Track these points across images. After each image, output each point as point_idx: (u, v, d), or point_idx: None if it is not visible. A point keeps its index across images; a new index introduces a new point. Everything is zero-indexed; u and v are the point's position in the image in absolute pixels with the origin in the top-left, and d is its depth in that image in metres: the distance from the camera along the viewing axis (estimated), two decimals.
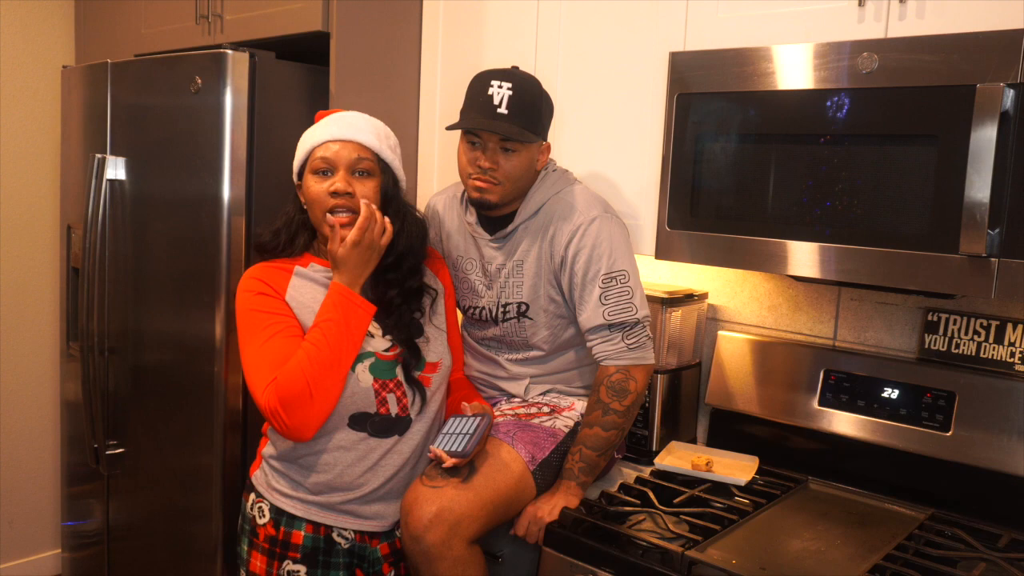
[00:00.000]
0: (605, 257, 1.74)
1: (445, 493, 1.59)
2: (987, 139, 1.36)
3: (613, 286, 1.73)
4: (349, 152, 1.67)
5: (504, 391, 1.91)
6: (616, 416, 1.73)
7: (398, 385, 1.68)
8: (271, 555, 1.68)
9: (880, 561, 1.49)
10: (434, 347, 1.75)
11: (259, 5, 2.37)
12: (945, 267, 1.43)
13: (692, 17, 1.81)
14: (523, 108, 1.73)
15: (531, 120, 1.75)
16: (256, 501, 1.72)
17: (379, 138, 1.71)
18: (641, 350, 1.75)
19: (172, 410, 2.37)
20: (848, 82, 1.52)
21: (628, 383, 1.73)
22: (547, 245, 1.79)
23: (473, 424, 1.66)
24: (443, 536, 1.56)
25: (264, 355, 1.61)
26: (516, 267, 1.83)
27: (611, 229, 1.76)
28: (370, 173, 1.68)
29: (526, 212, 1.81)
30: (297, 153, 1.74)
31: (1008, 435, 1.67)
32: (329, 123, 1.70)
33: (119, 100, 2.50)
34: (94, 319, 2.54)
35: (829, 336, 2.00)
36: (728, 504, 1.72)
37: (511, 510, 1.70)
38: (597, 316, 1.74)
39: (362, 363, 1.65)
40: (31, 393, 3.24)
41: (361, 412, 1.65)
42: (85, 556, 2.84)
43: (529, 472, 1.70)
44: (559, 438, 1.78)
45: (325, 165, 1.67)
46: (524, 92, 1.74)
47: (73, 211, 2.77)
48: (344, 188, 1.64)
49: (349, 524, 1.68)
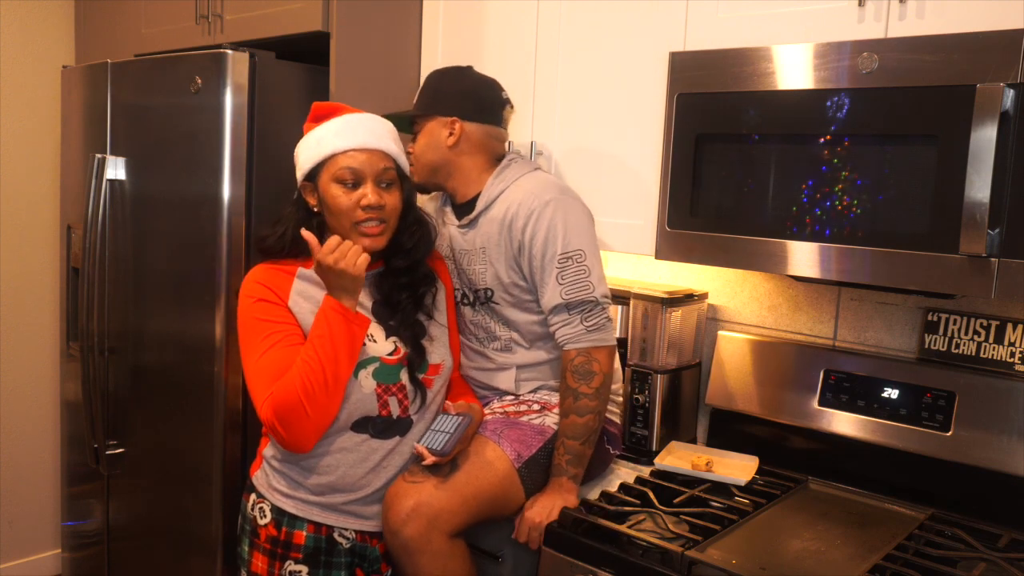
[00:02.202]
0: (560, 238, 1.75)
1: (423, 488, 1.61)
2: (987, 139, 1.36)
3: (569, 266, 1.75)
4: (376, 163, 1.67)
5: (496, 388, 1.91)
6: (587, 400, 1.73)
7: (400, 388, 1.68)
8: (272, 555, 1.67)
9: (880, 561, 1.49)
10: (437, 348, 1.76)
11: (259, 5, 2.37)
12: (945, 267, 1.43)
13: (692, 17, 1.81)
14: (422, 92, 1.92)
15: (421, 102, 1.90)
16: (257, 501, 1.72)
17: (396, 143, 1.73)
18: (600, 332, 1.75)
19: (172, 410, 2.37)
20: (848, 82, 1.52)
21: (591, 364, 1.74)
22: (506, 232, 1.81)
23: (455, 423, 1.66)
24: (421, 530, 1.58)
25: (263, 368, 1.61)
26: (481, 253, 1.85)
27: (566, 210, 1.77)
28: (394, 183, 1.70)
29: (487, 198, 1.84)
30: (307, 153, 1.70)
31: (1008, 435, 1.67)
32: (350, 129, 1.69)
33: (119, 100, 2.50)
34: (94, 319, 2.53)
35: (829, 336, 2.00)
36: (728, 504, 1.72)
37: (497, 507, 1.70)
38: (555, 296, 1.75)
39: (365, 369, 1.65)
40: (31, 393, 3.24)
41: (364, 416, 1.66)
42: (85, 556, 2.84)
43: (515, 470, 1.70)
44: (547, 436, 1.78)
45: (353, 177, 1.65)
46: (427, 81, 1.93)
47: (73, 211, 2.77)
48: (377, 201, 1.64)
49: (350, 524, 1.68)
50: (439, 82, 1.91)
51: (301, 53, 2.32)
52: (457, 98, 1.87)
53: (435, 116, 1.87)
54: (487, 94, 1.91)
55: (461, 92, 1.88)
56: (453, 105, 1.87)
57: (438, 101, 1.88)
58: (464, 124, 1.86)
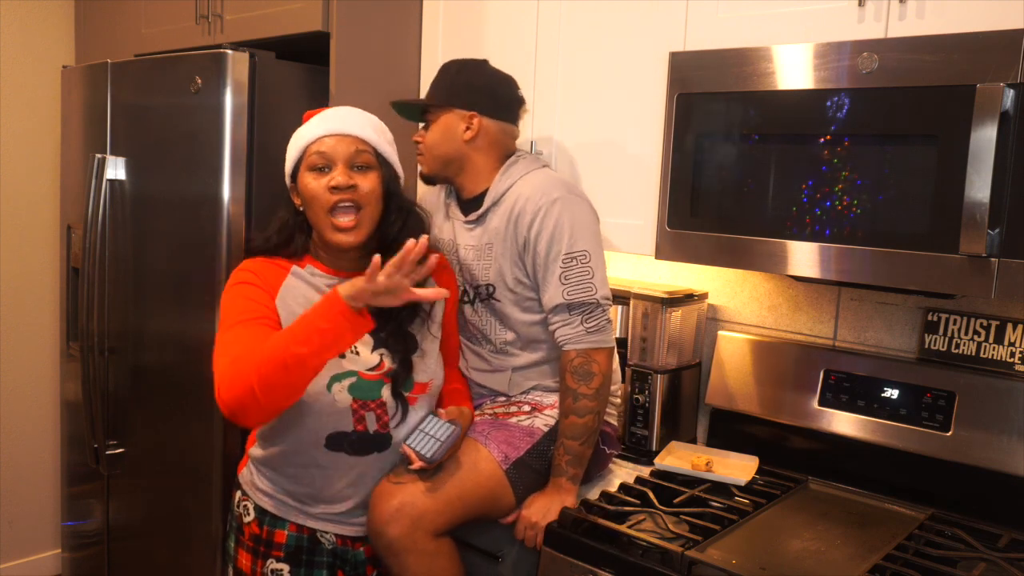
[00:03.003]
0: (566, 237, 1.74)
1: (407, 488, 1.61)
2: (987, 139, 1.36)
3: (574, 266, 1.74)
4: (347, 146, 1.62)
5: (490, 388, 1.90)
6: (587, 400, 1.73)
7: (380, 404, 1.63)
8: (255, 553, 1.67)
9: (880, 561, 1.49)
10: (427, 364, 1.70)
11: (259, 5, 2.37)
12: (945, 267, 1.43)
13: (692, 17, 1.81)
14: (436, 84, 1.89)
15: (439, 93, 1.86)
16: (242, 499, 1.72)
17: (376, 131, 1.68)
18: (600, 333, 1.75)
19: (172, 410, 2.37)
20: (848, 82, 1.52)
21: (591, 365, 1.73)
22: (512, 227, 1.80)
23: (446, 431, 1.64)
24: (405, 530, 1.58)
25: (227, 338, 1.53)
26: (487, 249, 1.84)
27: (573, 210, 1.76)
28: (370, 166, 1.64)
29: (495, 194, 1.84)
30: (289, 153, 1.69)
31: (1008, 435, 1.67)
32: (322, 119, 1.67)
33: (119, 100, 2.50)
34: (94, 319, 2.54)
35: (829, 336, 2.00)
36: (728, 504, 1.72)
37: (484, 508, 1.70)
38: (557, 295, 1.74)
39: (340, 383, 1.59)
40: (31, 393, 3.24)
41: (337, 432, 1.61)
42: (85, 556, 2.84)
43: (502, 471, 1.70)
44: (536, 437, 1.77)
45: (322, 161, 1.62)
46: (445, 72, 1.88)
47: (73, 211, 2.77)
48: (346, 181, 1.59)
49: (331, 529, 1.67)
50: (458, 74, 1.87)
51: (301, 53, 2.32)
52: (477, 92, 1.85)
53: (453, 108, 1.85)
54: (506, 91, 1.90)
55: (481, 87, 1.86)
56: (472, 99, 1.85)
57: (457, 94, 1.85)
58: (482, 119, 1.85)
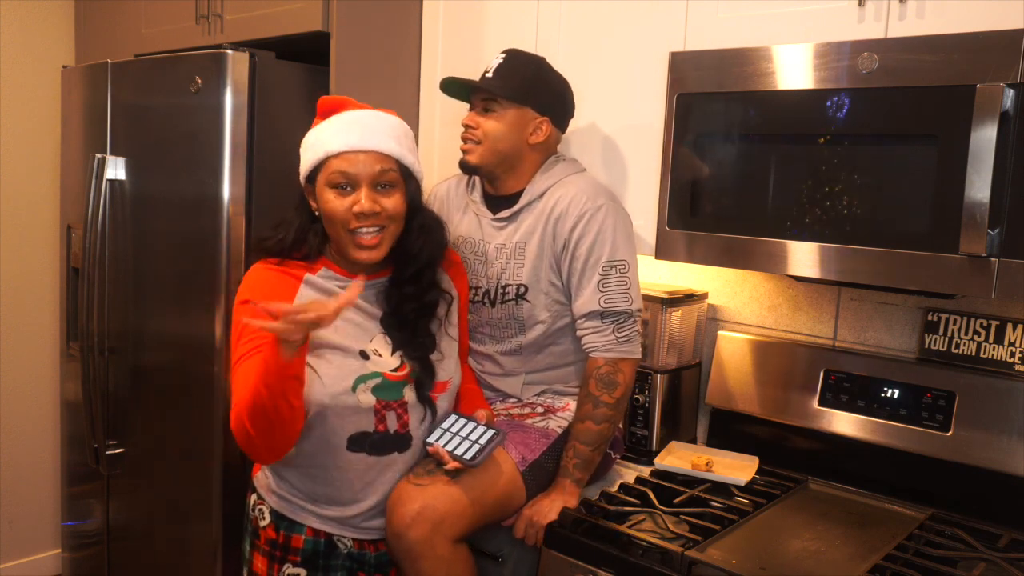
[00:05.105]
0: (608, 244, 1.74)
1: (429, 491, 1.58)
2: (987, 139, 1.36)
3: (612, 275, 1.74)
4: (371, 164, 1.55)
5: (500, 391, 1.90)
6: (607, 408, 1.72)
7: (401, 404, 1.63)
8: (271, 558, 1.66)
9: (880, 561, 1.49)
10: (446, 365, 1.69)
11: (259, 5, 2.37)
12: (945, 267, 1.43)
13: (692, 17, 1.81)
14: (510, 74, 1.78)
15: (516, 87, 1.78)
16: (257, 503, 1.71)
17: (399, 141, 1.59)
18: (630, 344, 1.75)
19: (172, 410, 2.37)
20: (848, 82, 1.52)
21: (616, 375, 1.73)
22: (551, 228, 1.78)
23: (486, 436, 1.61)
24: (425, 534, 1.56)
25: (237, 376, 1.52)
26: (518, 248, 1.81)
27: (616, 218, 1.76)
28: (394, 184, 1.58)
29: (532, 193, 1.81)
30: (306, 154, 1.62)
31: (1008, 435, 1.67)
32: (345, 128, 1.57)
33: (119, 100, 2.50)
34: (94, 319, 2.54)
35: (829, 336, 2.00)
36: (728, 504, 1.72)
37: (499, 511, 1.69)
38: (592, 302, 1.74)
39: (364, 384, 1.58)
40: (31, 393, 3.24)
41: (359, 432, 1.60)
42: (85, 556, 2.84)
43: (519, 473, 1.69)
44: (551, 439, 1.77)
45: (345, 180, 1.54)
46: (517, 62, 1.81)
47: (73, 211, 2.77)
48: (371, 208, 1.53)
49: (348, 533, 1.66)
50: (536, 73, 1.81)
51: (301, 53, 2.32)
52: (553, 97, 1.83)
53: (526, 107, 1.79)
54: (571, 101, 1.88)
55: (557, 93, 1.84)
56: (548, 103, 1.81)
57: (534, 94, 1.79)
58: (551, 127, 1.83)
